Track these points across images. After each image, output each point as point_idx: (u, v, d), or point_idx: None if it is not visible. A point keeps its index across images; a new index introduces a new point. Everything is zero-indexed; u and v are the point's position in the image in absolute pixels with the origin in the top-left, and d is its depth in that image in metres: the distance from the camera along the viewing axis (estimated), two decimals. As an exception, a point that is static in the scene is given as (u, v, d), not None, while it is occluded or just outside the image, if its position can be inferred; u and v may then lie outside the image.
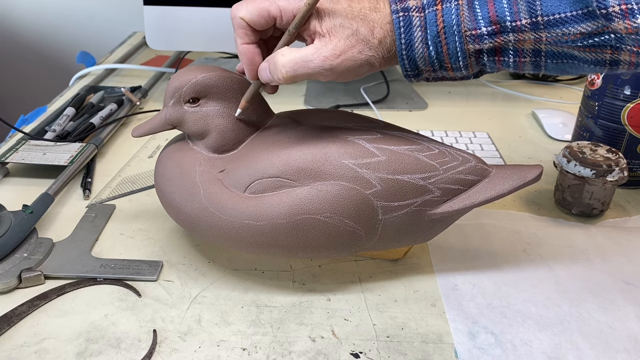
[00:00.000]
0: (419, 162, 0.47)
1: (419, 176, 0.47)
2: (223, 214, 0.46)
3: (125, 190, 0.66)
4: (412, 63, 0.45)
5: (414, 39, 0.44)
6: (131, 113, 0.84)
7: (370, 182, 0.46)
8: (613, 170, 0.60)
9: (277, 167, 0.45)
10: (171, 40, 0.86)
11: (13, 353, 0.44)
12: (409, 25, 0.44)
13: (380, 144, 0.47)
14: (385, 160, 0.46)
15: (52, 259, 0.53)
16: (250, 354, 0.45)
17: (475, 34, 0.43)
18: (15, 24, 1.30)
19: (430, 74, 0.47)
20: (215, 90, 0.48)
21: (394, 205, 0.47)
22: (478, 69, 0.46)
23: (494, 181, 0.49)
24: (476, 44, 0.44)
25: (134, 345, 0.45)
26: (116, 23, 1.27)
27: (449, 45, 0.44)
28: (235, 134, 0.49)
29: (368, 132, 0.48)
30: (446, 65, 0.45)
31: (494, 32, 0.43)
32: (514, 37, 0.43)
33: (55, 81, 1.18)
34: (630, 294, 0.52)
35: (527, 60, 0.44)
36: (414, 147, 0.48)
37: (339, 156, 0.46)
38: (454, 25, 0.44)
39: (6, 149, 0.70)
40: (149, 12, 0.84)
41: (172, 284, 0.52)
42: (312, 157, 0.46)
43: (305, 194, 0.45)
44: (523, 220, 0.63)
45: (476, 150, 0.76)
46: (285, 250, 0.47)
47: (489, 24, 0.43)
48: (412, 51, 0.45)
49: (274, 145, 0.47)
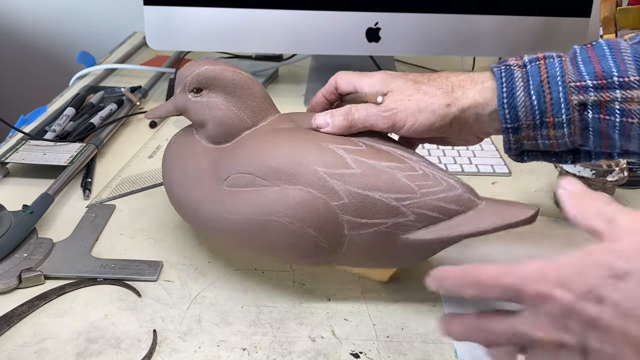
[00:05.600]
0: (395, 181, 0.44)
1: (392, 196, 0.44)
2: (204, 203, 0.48)
3: (125, 190, 0.66)
4: (513, 112, 0.44)
5: (515, 87, 0.44)
6: (131, 113, 0.84)
7: (338, 194, 0.44)
8: (613, 170, 0.60)
9: (253, 164, 0.46)
10: (171, 40, 0.86)
11: (13, 353, 0.44)
12: (510, 76, 0.45)
13: (360, 156, 0.45)
14: (359, 173, 0.44)
15: (52, 259, 0.53)
16: (250, 354, 0.45)
17: (579, 85, 0.42)
18: (15, 24, 1.30)
19: (530, 132, 0.45)
20: (216, 82, 0.49)
21: (361, 222, 0.44)
22: (580, 132, 0.44)
23: (479, 215, 0.45)
24: (580, 95, 0.42)
25: (134, 345, 0.45)
26: (116, 23, 1.27)
27: (552, 95, 0.43)
28: (231, 127, 0.49)
29: (353, 143, 0.47)
30: (548, 120, 0.44)
31: (600, 87, 0.42)
32: (622, 94, 0.41)
33: (55, 81, 1.18)
34: (630, 294, 0.52)
35: (635, 122, 0.42)
36: (396, 165, 0.45)
37: (313, 162, 0.45)
38: (558, 76, 0.43)
39: (6, 149, 0.70)
40: (149, 12, 0.84)
41: (172, 284, 0.52)
42: (286, 159, 0.45)
43: (273, 195, 0.45)
44: (523, 220, 0.63)
45: (476, 151, 0.76)
46: (255, 248, 0.48)
47: (594, 78, 0.42)
48: (514, 99, 0.44)
49: (258, 143, 0.48)
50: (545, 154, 0.48)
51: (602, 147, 0.45)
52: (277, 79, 1.01)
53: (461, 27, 0.85)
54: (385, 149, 0.47)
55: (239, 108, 0.49)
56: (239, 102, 0.49)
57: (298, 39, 0.86)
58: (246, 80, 0.50)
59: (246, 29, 0.84)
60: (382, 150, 0.47)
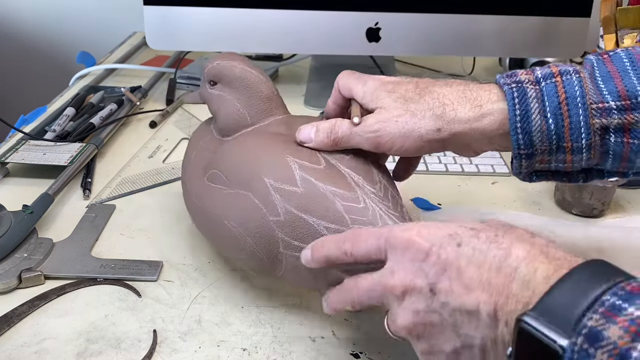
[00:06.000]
0: (331, 210, 0.42)
1: (323, 224, 0.42)
2: (190, 192, 0.50)
3: (125, 190, 0.66)
4: (527, 138, 0.40)
5: (530, 109, 0.40)
6: (131, 113, 0.84)
7: (277, 210, 0.43)
8: (613, 170, 0.60)
9: (224, 164, 0.47)
10: (171, 40, 0.86)
11: (13, 353, 0.44)
12: (524, 96, 0.40)
13: (311, 174, 0.43)
14: (301, 193, 0.42)
15: (52, 259, 0.53)
16: (250, 354, 0.45)
17: (602, 107, 0.39)
18: (15, 24, 1.30)
19: (544, 157, 0.41)
20: (226, 78, 0.51)
21: (294, 244, 0.43)
22: (599, 156, 0.41)
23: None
24: (603, 118, 0.39)
25: (134, 346, 0.45)
26: (116, 23, 1.27)
27: (572, 118, 0.39)
28: (232, 122, 0.51)
29: (315, 159, 0.45)
30: (565, 145, 0.40)
31: (624, 108, 0.38)
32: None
33: (55, 81, 1.18)
34: (630, 294, 0.52)
35: None
36: (341, 192, 0.42)
37: (264, 172, 0.44)
38: (578, 97, 0.39)
39: (6, 149, 0.70)
40: (149, 12, 0.84)
41: (172, 284, 0.52)
42: (244, 165, 0.46)
43: (227, 197, 0.46)
44: (523, 220, 0.63)
45: (476, 150, 0.76)
46: (216, 246, 0.51)
47: (617, 99, 0.38)
48: (529, 123, 0.40)
49: (239, 143, 0.49)
50: (556, 174, 0.45)
51: (620, 169, 0.42)
52: (277, 79, 1.01)
53: (461, 27, 0.85)
54: (345, 171, 0.44)
55: (243, 105, 0.50)
56: (244, 99, 0.50)
57: (298, 39, 0.86)
58: (254, 78, 0.51)
59: (246, 29, 0.84)
60: (340, 173, 0.44)
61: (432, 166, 0.72)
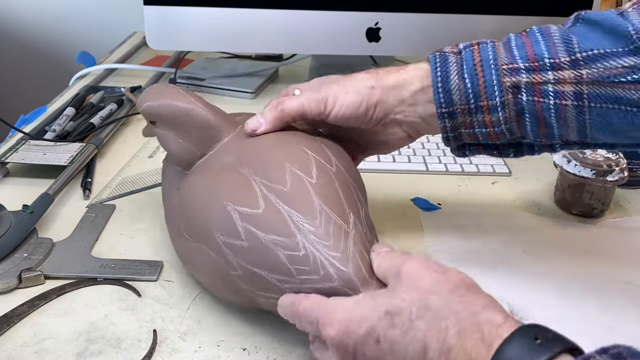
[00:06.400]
0: (277, 262, 0.40)
1: (275, 276, 0.40)
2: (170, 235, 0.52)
3: (125, 190, 0.66)
4: (447, 96, 0.45)
5: (449, 71, 0.45)
6: (131, 113, 0.84)
7: (233, 265, 0.42)
8: (613, 170, 0.60)
9: (183, 215, 0.47)
10: (171, 40, 0.86)
11: (13, 353, 0.44)
12: (444, 62, 0.45)
13: (251, 223, 0.41)
14: (247, 247, 0.41)
15: (52, 259, 0.53)
16: (250, 354, 0.45)
17: (512, 67, 0.43)
18: (15, 24, 1.30)
19: (465, 118, 0.45)
20: (161, 118, 0.50)
21: (261, 294, 0.42)
22: (515, 114, 0.44)
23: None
24: (513, 76, 0.43)
25: (134, 345, 0.45)
26: (116, 23, 1.27)
27: (485, 77, 0.43)
28: (183, 158, 0.50)
29: (254, 199, 0.42)
30: (482, 104, 0.44)
31: (532, 69, 0.43)
32: (553, 75, 0.42)
33: (55, 81, 1.18)
34: (630, 294, 0.52)
35: (569, 103, 0.42)
36: (281, 241, 0.40)
37: (213, 226, 0.43)
38: (491, 59, 0.44)
39: (6, 149, 0.70)
40: (149, 12, 0.84)
41: (172, 284, 0.52)
42: (198, 218, 0.45)
43: (192, 249, 0.46)
44: (523, 220, 0.63)
45: (476, 150, 0.76)
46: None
47: (526, 60, 0.43)
48: (448, 82, 0.44)
49: (194, 187, 0.47)
50: (486, 147, 0.48)
51: (542, 137, 0.45)
52: (277, 79, 1.01)
53: (461, 27, 0.85)
54: (284, 210, 0.41)
55: (185, 139, 0.49)
56: (183, 133, 0.49)
57: (298, 39, 0.86)
58: (184, 111, 0.49)
59: (246, 29, 0.84)
60: (279, 215, 0.41)
61: (432, 166, 0.72)
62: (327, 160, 0.45)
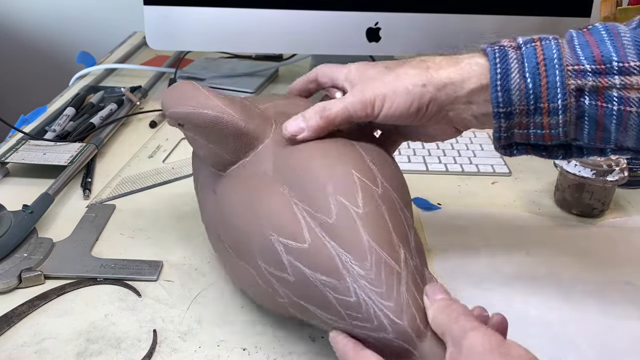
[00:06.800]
0: (327, 302, 0.38)
1: (326, 315, 0.39)
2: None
3: (125, 190, 0.66)
4: (506, 95, 0.42)
5: (510, 69, 0.42)
6: (131, 113, 0.84)
7: (279, 294, 0.41)
8: (613, 170, 0.60)
9: (223, 229, 0.45)
10: (171, 40, 0.86)
11: (13, 353, 0.44)
12: (504, 57, 0.42)
13: (297, 258, 0.39)
14: (294, 282, 0.39)
15: (52, 259, 0.53)
16: (250, 354, 0.45)
17: (577, 69, 0.40)
18: (15, 24, 1.30)
19: (522, 119, 0.42)
20: (188, 124, 0.45)
21: (313, 321, 0.41)
22: (574, 121, 0.42)
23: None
24: (578, 79, 0.40)
25: (134, 345, 0.45)
26: (116, 23, 1.27)
27: (549, 78, 0.41)
28: (216, 162, 0.46)
29: (299, 233, 0.39)
30: (542, 105, 0.41)
31: (598, 72, 0.40)
32: (620, 80, 0.40)
33: (55, 81, 1.17)
34: (630, 294, 0.52)
35: (634, 110, 0.40)
36: (330, 282, 0.38)
37: (256, 253, 0.41)
38: (555, 59, 0.41)
39: (6, 149, 0.70)
40: (149, 12, 0.84)
41: (172, 284, 0.52)
42: (239, 237, 0.43)
43: (235, 265, 0.45)
44: (523, 220, 0.63)
45: (476, 151, 0.76)
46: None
47: (593, 63, 0.40)
48: (508, 81, 0.41)
49: (232, 201, 0.44)
50: (535, 147, 0.46)
51: (596, 141, 0.43)
52: (277, 78, 1.01)
53: (461, 27, 0.85)
54: (331, 246, 0.39)
55: (216, 146, 0.45)
56: (214, 141, 0.45)
57: (298, 39, 0.86)
58: (214, 120, 0.44)
59: (246, 29, 0.84)
60: (326, 252, 0.39)
61: (432, 166, 0.72)
62: (373, 179, 0.42)
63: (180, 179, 0.69)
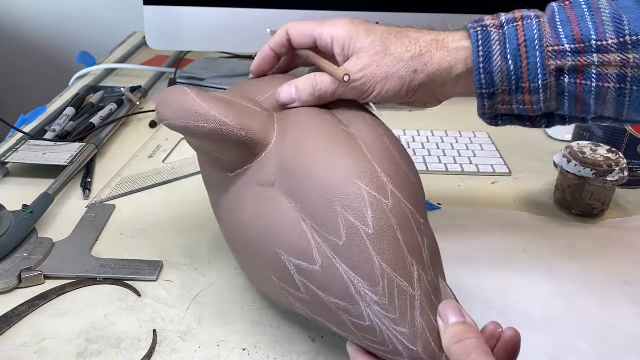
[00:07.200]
0: (342, 323, 0.38)
1: (342, 332, 0.39)
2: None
3: (125, 190, 0.66)
4: (489, 77, 0.43)
5: (492, 51, 0.43)
6: (131, 113, 0.84)
7: (294, 306, 0.41)
8: (613, 170, 0.60)
9: (234, 235, 0.45)
10: (171, 40, 0.86)
11: (13, 353, 0.44)
12: (487, 39, 0.43)
13: (309, 279, 0.38)
14: (309, 300, 0.39)
15: (52, 259, 0.53)
16: (250, 354, 0.45)
17: (557, 49, 0.42)
18: (15, 24, 1.30)
19: (505, 97, 0.44)
20: (187, 136, 0.43)
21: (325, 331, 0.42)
22: (555, 97, 0.44)
23: None
24: (558, 60, 0.42)
25: (134, 345, 0.45)
26: (116, 23, 1.27)
27: (530, 60, 0.42)
28: (223, 166, 0.45)
29: (310, 254, 0.38)
30: (524, 85, 0.43)
31: (578, 51, 0.41)
32: (599, 58, 0.41)
33: (55, 81, 1.18)
34: (630, 294, 0.52)
35: (611, 86, 0.42)
36: (344, 306, 0.37)
37: (269, 269, 0.41)
38: (536, 40, 0.42)
39: (6, 149, 0.70)
40: (149, 12, 0.84)
41: (172, 284, 0.52)
42: (248, 251, 0.42)
43: (246, 264, 0.45)
44: (523, 220, 0.63)
45: (476, 151, 0.76)
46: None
47: (572, 42, 0.41)
48: (490, 64, 0.43)
49: (239, 213, 0.43)
50: (519, 118, 0.48)
51: (577, 112, 0.45)
52: (277, 79, 1.01)
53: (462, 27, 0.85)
54: (343, 270, 0.37)
55: (221, 155, 0.43)
56: (215, 150, 0.43)
57: (298, 39, 0.85)
58: (213, 133, 0.41)
59: (246, 29, 0.84)
60: (338, 276, 0.38)
61: (432, 166, 0.72)
62: (382, 191, 0.39)
63: (180, 179, 0.69)
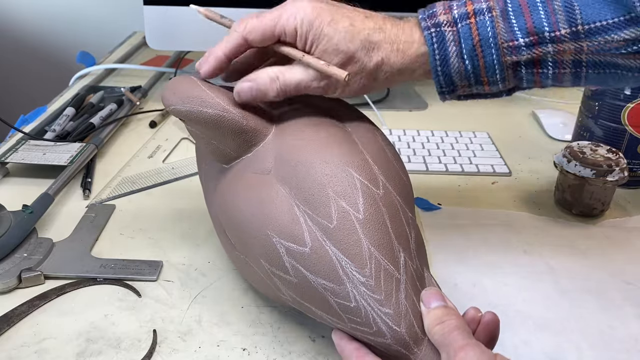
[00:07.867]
0: (327, 305, 0.39)
1: (327, 316, 0.40)
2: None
3: (125, 190, 0.66)
4: (448, 79, 0.44)
5: (448, 54, 0.43)
6: (131, 113, 0.84)
7: (282, 292, 0.41)
8: (613, 170, 0.60)
9: (225, 221, 0.45)
10: (171, 40, 0.86)
11: (13, 353, 0.44)
12: (442, 41, 0.43)
13: (299, 261, 0.39)
14: (296, 283, 0.40)
15: (52, 259, 0.53)
16: (250, 354, 0.45)
17: (512, 45, 0.42)
18: (15, 24, 1.30)
19: (465, 90, 0.45)
20: (189, 121, 0.45)
21: (315, 318, 0.42)
22: (514, 83, 0.44)
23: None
24: (514, 55, 0.42)
25: (134, 345, 0.45)
26: (116, 23, 1.27)
27: (486, 59, 0.42)
28: (219, 157, 0.46)
29: (300, 236, 0.39)
30: (482, 80, 0.44)
31: (532, 44, 0.41)
32: (553, 48, 0.41)
33: (55, 81, 1.18)
34: (630, 294, 0.52)
35: (567, 71, 0.42)
36: (331, 287, 0.38)
37: (258, 253, 0.41)
38: (490, 38, 0.42)
39: (6, 149, 0.70)
40: (149, 12, 0.84)
41: (172, 284, 0.52)
42: (240, 237, 0.43)
43: (237, 258, 0.45)
44: (523, 220, 0.63)
45: (476, 151, 0.76)
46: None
47: (526, 35, 0.41)
48: (448, 67, 0.43)
49: (233, 200, 0.44)
50: (480, 95, 0.48)
51: (535, 87, 0.46)
52: (277, 79, 1.01)
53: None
54: (332, 251, 0.39)
55: (219, 143, 0.45)
56: (216, 137, 0.45)
57: (298, 39, 0.85)
58: (215, 119, 0.43)
59: (246, 29, 0.84)
60: (327, 257, 0.39)
61: (432, 166, 0.72)
62: (374, 181, 0.41)
63: (180, 179, 0.69)
